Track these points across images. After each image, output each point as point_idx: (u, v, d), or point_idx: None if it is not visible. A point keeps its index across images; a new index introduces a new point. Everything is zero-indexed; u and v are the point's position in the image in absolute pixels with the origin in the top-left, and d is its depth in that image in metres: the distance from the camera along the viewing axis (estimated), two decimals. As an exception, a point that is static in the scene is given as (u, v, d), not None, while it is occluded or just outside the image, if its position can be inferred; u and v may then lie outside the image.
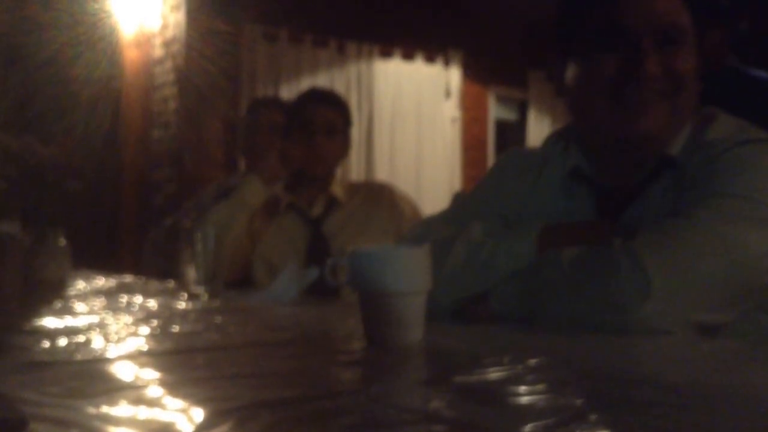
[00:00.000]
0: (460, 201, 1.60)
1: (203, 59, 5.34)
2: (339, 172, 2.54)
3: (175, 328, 1.25)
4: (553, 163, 1.45)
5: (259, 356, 1.02)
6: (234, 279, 2.25)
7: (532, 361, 0.88)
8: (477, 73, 6.70)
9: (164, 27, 5.57)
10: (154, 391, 0.75)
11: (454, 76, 6.63)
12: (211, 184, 3.24)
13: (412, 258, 1.05)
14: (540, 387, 0.75)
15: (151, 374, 0.85)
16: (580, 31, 1.34)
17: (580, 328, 1.11)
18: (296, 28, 5.85)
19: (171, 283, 2.17)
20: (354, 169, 6.05)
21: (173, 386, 0.78)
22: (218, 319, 1.40)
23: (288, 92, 5.40)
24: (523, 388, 0.74)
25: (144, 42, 5.68)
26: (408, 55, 6.40)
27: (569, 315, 1.14)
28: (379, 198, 2.43)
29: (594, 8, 1.31)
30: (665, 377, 0.83)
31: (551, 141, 1.53)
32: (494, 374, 0.81)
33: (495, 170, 1.59)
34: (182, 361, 0.97)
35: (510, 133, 7.23)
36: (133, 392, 0.75)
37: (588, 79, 1.33)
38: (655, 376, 0.84)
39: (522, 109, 7.18)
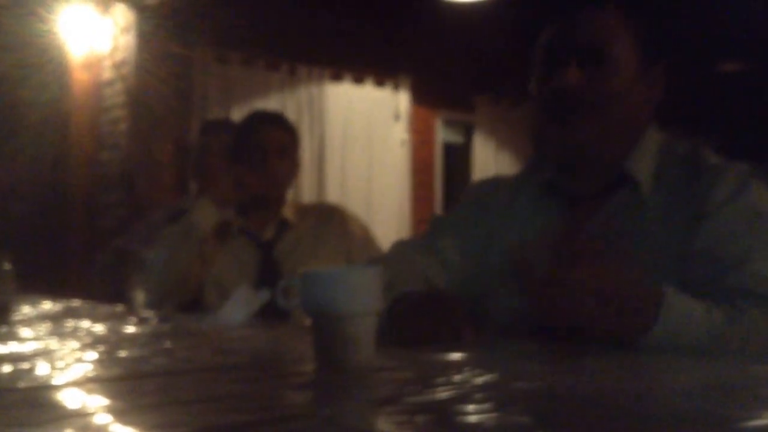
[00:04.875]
0: (437, 224, 1.64)
1: (154, 81, 5.30)
2: (290, 194, 2.53)
3: (124, 353, 1.24)
4: (528, 180, 1.55)
5: (210, 381, 1.01)
6: (184, 303, 2.23)
7: (480, 380, 0.89)
8: (425, 97, 6.80)
9: (114, 49, 5.53)
10: (102, 418, 0.74)
11: (403, 99, 6.69)
12: (162, 207, 3.20)
13: (363, 279, 1.06)
14: (488, 406, 0.76)
15: (98, 401, 0.84)
16: (533, 58, 1.47)
17: None
18: (248, 51, 5.85)
19: (119, 307, 2.14)
20: (305, 191, 6.05)
21: (121, 413, 0.77)
22: (168, 343, 1.38)
23: (240, 115, 5.35)
24: (471, 407, 0.75)
25: (94, 64, 5.63)
26: (358, 79, 6.45)
27: None
28: (329, 220, 2.43)
29: (541, 39, 1.44)
30: (611, 396, 0.84)
31: (529, 161, 1.64)
32: (444, 393, 0.82)
33: (470, 194, 1.66)
34: (131, 387, 0.96)
35: (457, 156, 7.34)
36: (79, 420, 0.74)
37: (534, 99, 1.46)
38: (600, 394, 0.85)
39: (468, 133, 7.28)
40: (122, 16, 5.49)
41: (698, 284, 1.23)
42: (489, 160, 7.19)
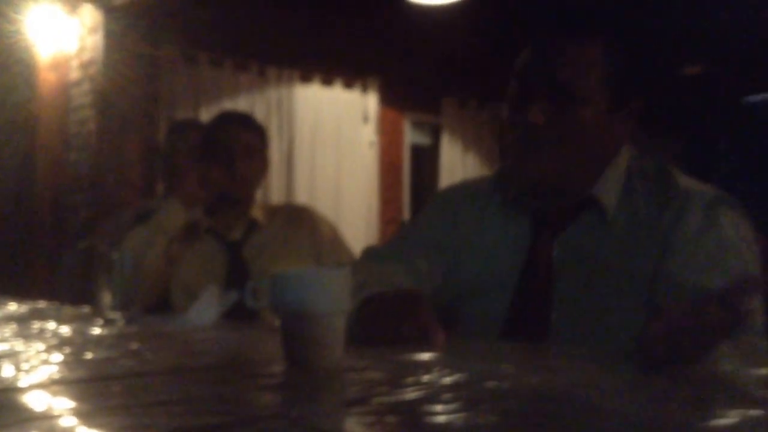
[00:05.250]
0: (406, 231, 1.65)
1: (122, 82, 5.26)
2: (259, 194, 2.52)
3: (90, 355, 1.23)
4: (498, 191, 1.54)
5: (178, 382, 1.00)
6: (151, 304, 2.21)
7: (449, 380, 0.89)
8: (393, 99, 6.83)
9: (82, 49, 5.48)
10: (68, 421, 0.73)
11: (371, 101, 6.71)
12: (129, 208, 3.18)
13: (332, 280, 1.06)
14: (457, 405, 0.76)
15: (64, 403, 0.83)
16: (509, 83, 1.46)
17: None
18: (217, 52, 5.82)
19: (86, 309, 2.12)
20: (274, 191, 6.03)
21: (88, 416, 0.77)
22: (134, 345, 1.37)
23: (208, 115, 5.33)
24: (440, 407, 0.75)
25: (61, 64, 5.57)
26: (327, 81, 6.45)
27: None
28: (298, 220, 2.43)
29: (516, 64, 1.43)
30: (578, 395, 0.85)
31: (501, 172, 1.62)
32: (413, 394, 0.82)
33: (439, 201, 1.66)
34: (97, 389, 0.95)
35: (424, 157, 7.38)
36: (45, 423, 0.73)
37: (504, 121, 1.46)
38: (567, 393, 0.86)
39: (435, 134, 7.33)
40: (89, 16, 5.45)
41: None
42: (456, 161, 7.23)
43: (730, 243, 1.33)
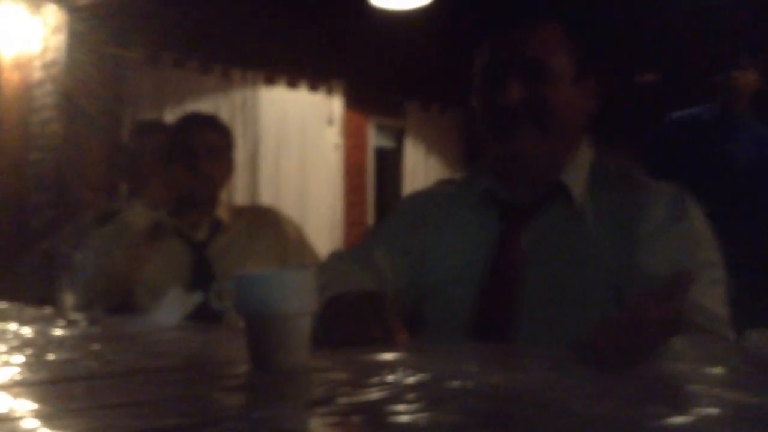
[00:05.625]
0: (371, 236, 1.66)
1: (85, 82, 5.21)
2: (223, 196, 2.52)
3: (52, 357, 1.22)
4: (466, 189, 1.57)
5: (140, 384, 1.00)
6: (114, 304, 2.20)
7: (413, 380, 0.90)
8: (358, 102, 6.84)
9: (45, 49, 5.42)
10: (30, 423, 0.73)
11: (336, 104, 6.72)
12: (92, 209, 3.15)
13: (297, 281, 1.06)
14: (420, 405, 0.76)
15: (26, 405, 0.83)
16: (475, 69, 1.50)
17: None
18: (181, 53, 5.79)
19: (48, 310, 2.10)
20: (239, 193, 6.01)
21: (49, 418, 0.76)
22: (97, 346, 1.36)
23: (172, 117, 5.31)
24: (404, 407, 0.76)
25: (24, 64, 5.51)
26: (292, 84, 6.45)
27: None
28: (264, 221, 2.43)
29: (480, 54, 1.48)
30: (539, 394, 0.86)
31: (470, 172, 1.66)
32: (377, 394, 0.83)
33: (404, 206, 1.68)
34: (59, 391, 0.94)
35: (388, 160, 7.41)
36: (6, 425, 0.72)
37: (476, 110, 1.49)
38: (529, 393, 0.87)
39: (399, 138, 7.36)
40: (53, 16, 5.39)
41: None
42: (419, 164, 7.27)
43: (698, 235, 1.38)
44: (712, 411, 0.75)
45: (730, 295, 1.35)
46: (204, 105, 5.80)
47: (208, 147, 2.36)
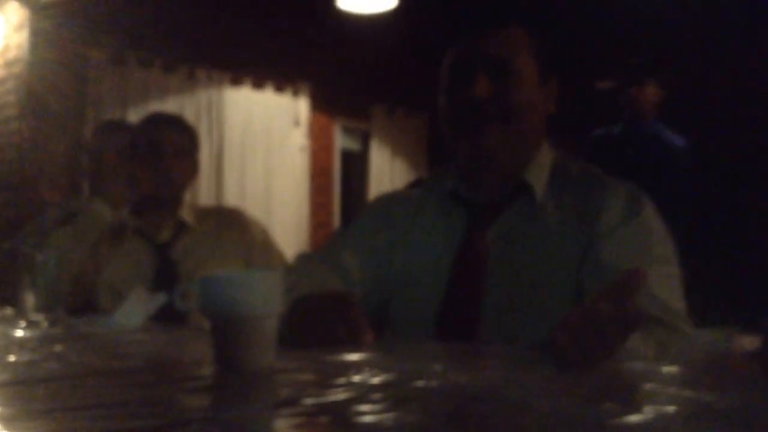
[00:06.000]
0: (338, 238, 1.67)
1: (48, 80, 5.14)
2: (188, 196, 2.50)
3: (13, 358, 1.21)
4: (432, 190, 1.60)
5: (104, 386, 0.99)
6: (76, 305, 2.18)
7: (378, 380, 0.90)
8: (324, 104, 6.84)
9: (6, 47, 5.34)
10: (-9, 423, 0.72)
11: (302, 106, 6.70)
12: (54, 208, 3.11)
13: (263, 282, 1.06)
14: (385, 405, 0.77)
15: (-13, 406, 0.82)
16: (442, 69, 1.53)
17: None
18: (145, 52, 5.74)
19: (8, 310, 2.07)
20: (203, 194, 5.97)
21: (11, 420, 0.75)
22: (59, 347, 1.35)
23: (136, 116, 5.26)
24: (369, 407, 0.76)
25: (-15, 62, 5.43)
26: (258, 85, 6.43)
27: None
28: (229, 222, 2.42)
29: (447, 56, 1.51)
30: (502, 393, 0.87)
31: (435, 173, 1.68)
32: (342, 394, 0.83)
33: (372, 208, 1.70)
34: (20, 392, 0.93)
35: (354, 162, 7.42)
36: (-32, 425, 0.72)
37: (443, 109, 1.51)
38: (492, 392, 0.88)
39: (365, 140, 7.38)
40: (15, 13, 5.32)
41: None
42: (384, 166, 7.28)
43: (653, 231, 1.41)
44: (669, 408, 0.77)
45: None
46: (169, 105, 5.76)
47: (172, 147, 2.34)
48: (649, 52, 4.42)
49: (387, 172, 7.25)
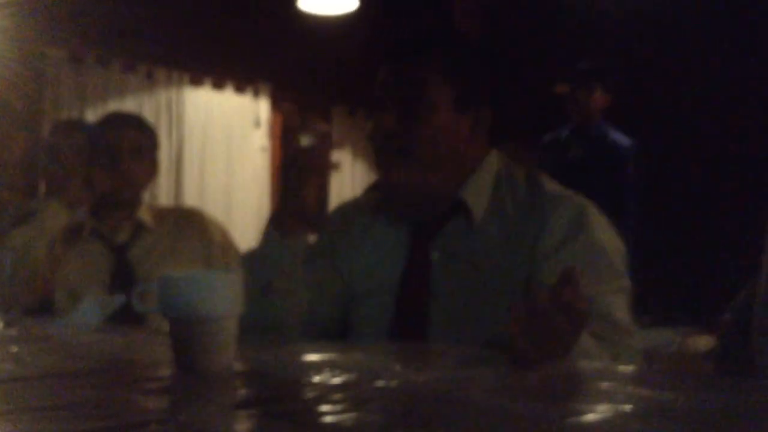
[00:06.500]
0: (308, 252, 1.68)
1: (5, 79, 5.06)
2: (147, 196, 2.48)
3: (-33, 360, 1.18)
4: (379, 208, 1.60)
5: (60, 387, 0.98)
6: (32, 306, 2.15)
7: (338, 380, 0.90)
8: (285, 105, 6.82)
9: (-42, 45, 5.25)
10: (-56, 425, 0.71)
11: (263, 107, 6.68)
12: (9, 208, 3.07)
13: (223, 283, 1.05)
14: (345, 406, 0.77)
15: (-60, 408, 0.80)
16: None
17: None
18: (104, 51, 5.67)
19: (-38, 313, 2.04)
20: (162, 194, 5.92)
21: (-35, 420, 0.74)
22: (14, 348, 1.33)
23: (94, 116, 5.21)
24: (329, 408, 0.76)
25: (-63, 60, 5.32)
26: (218, 85, 6.39)
27: None
28: (188, 223, 2.40)
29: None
30: (461, 393, 0.87)
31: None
32: (302, 395, 0.83)
33: (333, 220, 1.71)
34: (-25, 393, 0.92)
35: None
36: None
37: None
38: (451, 391, 0.88)
39: (326, 141, 7.37)
40: (-30, 9, 5.23)
41: None
42: (345, 168, 7.28)
43: (599, 246, 1.40)
44: (626, 407, 0.78)
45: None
46: (128, 104, 5.70)
47: (130, 146, 2.32)
48: (599, 57, 4.51)
49: (348, 173, 7.25)
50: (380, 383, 0.90)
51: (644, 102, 5.00)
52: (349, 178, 7.17)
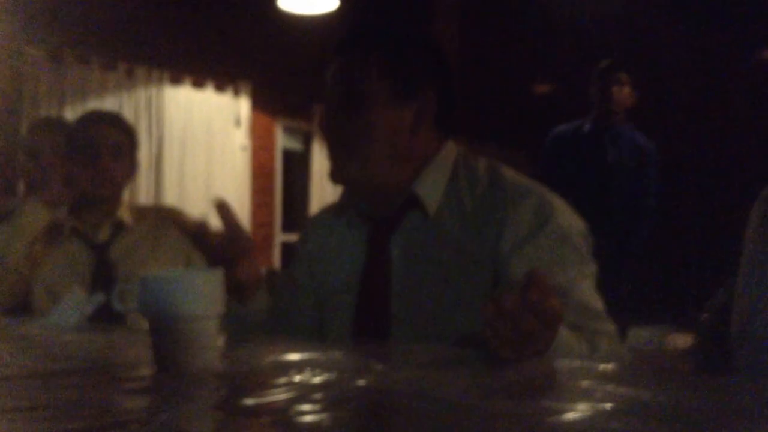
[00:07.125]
0: (293, 256, 1.71)
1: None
2: (127, 195, 2.47)
3: (-55, 360, 1.18)
4: (346, 205, 1.61)
5: (39, 387, 0.98)
6: (11, 306, 2.14)
7: (318, 379, 0.90)
8: (265, 104, 6.81)
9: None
10: None
11: (243, 105, 6.67)
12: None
13: (204, 282, 1.05)
14: (325, 405, 0.77)
15: None
16: None
17: None
18: (84, 49, 5.64)
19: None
20: (142, 193, 5.90)
21: (-57, 421, 0.74)
22: (-7, 349, 1.32)
23: (73, 114, 5.17)
24: (309, 407, 0.76)
25: None
26: (198, 84, 6.37)
27: None
28: (168, 222, 2.39)
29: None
30: (441, 391, 0.88)
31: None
32: (283, 394, 0.83)
33: (313, 224, 1.71)
34: (-47, 394, 0.91)
35: (296, 162, 7.41)
36: None
37: None
38: (431, 390, 0.89)
39: (307, 140, 7.37)
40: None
41: None
42: (326, 167, 7.24)
43: (565, 233, 1.40)
44: (606, 405, 0.78)
45: (617, 289, 1.39)
46: (107, 103, 5.67)
47: (110, 145, 2.31)
48: (591, 56, 4.50)
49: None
50: (361, 382, 0.90)
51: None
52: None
